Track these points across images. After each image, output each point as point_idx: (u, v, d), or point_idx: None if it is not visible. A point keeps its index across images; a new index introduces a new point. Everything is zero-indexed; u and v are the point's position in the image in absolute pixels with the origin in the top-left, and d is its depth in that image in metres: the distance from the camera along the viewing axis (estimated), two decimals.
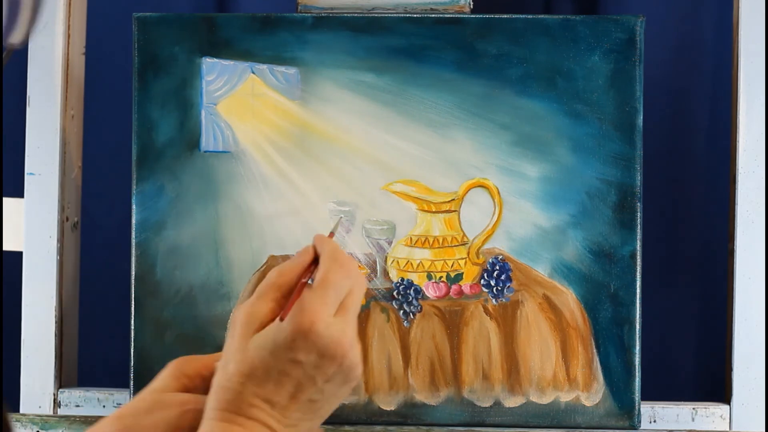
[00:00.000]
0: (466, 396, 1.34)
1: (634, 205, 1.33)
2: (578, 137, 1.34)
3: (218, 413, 0.86)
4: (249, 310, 0.88)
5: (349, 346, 0.86)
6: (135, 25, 1.36)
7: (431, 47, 1.35)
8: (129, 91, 1.37)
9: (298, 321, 0.85)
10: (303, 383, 0.86)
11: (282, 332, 0.86)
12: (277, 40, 1.35)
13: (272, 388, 0.86)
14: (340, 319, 0.87)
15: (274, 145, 1.36)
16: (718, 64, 1.60)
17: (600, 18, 1.35)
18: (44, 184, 1.41)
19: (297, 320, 0.85)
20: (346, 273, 0.88)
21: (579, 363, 1.34)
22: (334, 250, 0.89)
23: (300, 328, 0.85)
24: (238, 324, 0.88)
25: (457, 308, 1.35)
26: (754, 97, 1.37)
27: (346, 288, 0.88)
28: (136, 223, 1.36)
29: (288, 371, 0.86)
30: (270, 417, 0.86)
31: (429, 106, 1.35)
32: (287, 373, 0.86)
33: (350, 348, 0.86)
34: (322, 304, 0.86)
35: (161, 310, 1.35)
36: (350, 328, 0.87)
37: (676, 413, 1.37)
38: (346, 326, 0.87)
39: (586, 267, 1.34)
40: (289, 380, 0.86)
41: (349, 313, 0.88)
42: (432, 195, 1.35)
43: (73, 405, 1.40)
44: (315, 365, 0.86)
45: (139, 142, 1.36)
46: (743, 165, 1.37)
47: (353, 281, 0.89)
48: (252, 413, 0.86)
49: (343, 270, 0.88)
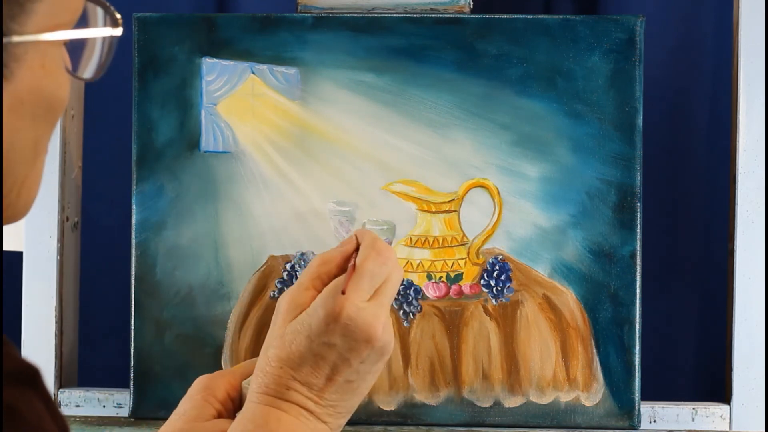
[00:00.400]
0: (466, 396, 1.34)
1: (634, 205, 1.33)
2: (578, 137, 1.34)
3: (259, 396, 0.90)
4: (290, 298, 0.92)
5: (381, 330, 0.89)
6: (135, 25, 1.36)
7: (431, 47, 1.35)
8: (129, 91, 1.37)
9: (331, 306, 0.89)
10: (338, 365, 0.89)
11: (316, 317, 0.89)
12: (277, 40, 1.35)
13: (309, 370, 0.89)
14: (374, 304, 0.90)
15: (274, 145, 1.36)
16: (718, 64, 1.60)
17: (600, 18, 1.35)
18: (44, 184, 1.40)
19: (329, 305, 0.89)
20: (383, 261, 0.91)
21: (579, 363, 1.34)
22: (374, 240, 0.93)
23: (332, 312, 0.88)
24: (280, 311, 0.92)
25: (457, 308, 1.35)
26: (754, 97, 1.37)
27: (383, 275, 0.91)
28: (136, 223, 1.36)
29: (323, 354, 0.89)
30: (308, 400, 0.89)
31: (429, 106, 1.35)
32: (323, 356, 0.89)
33: (383, 331, 0.89)
34: (355, 289, 0.89)
35: (161, 311, 1.35)
36: (383, 312, 0.90)
37: (676, 413, 1.37)
38: (379, 310, 0.90)
39: (586, 267, 1.34)
40: (324, 363, 0.89)
41: (383, 298, 0.91)
42: (432, 195, 1.35)
43: (73, 405, 1.40)
44: (349, 348, 0.89)
45: (139, 142, 1.36)
46: (743, 165, 1.37)
47: (390, 269, 0.92)
48: (290, 396, 0.89)
49: (380, 258, 0.91)
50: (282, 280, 1.35)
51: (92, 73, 0.75)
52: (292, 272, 1.35)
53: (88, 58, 0.75)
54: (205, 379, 0.96)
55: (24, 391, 0.64)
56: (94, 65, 0.75)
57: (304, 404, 0.89)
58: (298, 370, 0.89)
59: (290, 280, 1.35)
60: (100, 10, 0.75)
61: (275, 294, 1.35)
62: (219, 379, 0.96)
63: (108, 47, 0.75)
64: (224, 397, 0.95)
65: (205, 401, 0.94)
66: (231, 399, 0.95)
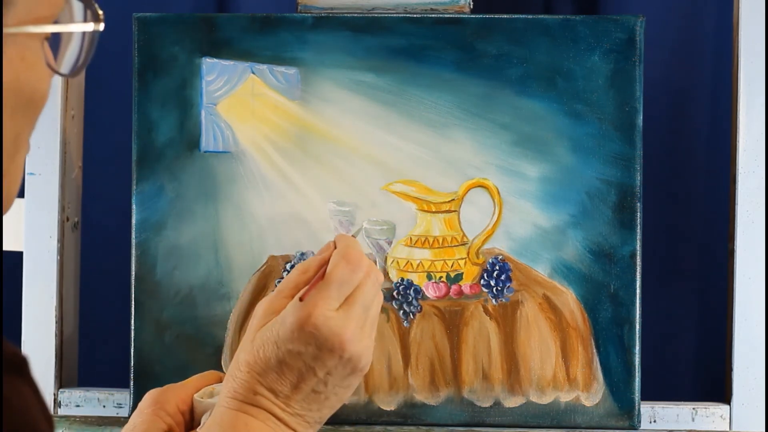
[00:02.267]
0: (466, 396, 1.34)
1: (634, 205, 1.33)
2: (578, 137, 1.34)
3: (228, 401, 0.90)
4: (267, 304, 0.92)
5: (350, 340, 0.89)
6: (135, 25, 1.36)
7: (431, 47, 1.35)
8: (129, 91, 1.37)
9: (297, 313, 0.88)
10: (304, 373, 0.89)
11: (284, 324, 0.89)
12: (277, 40, 1.35)
13: (275, 377, 0.89)
14: (343, 313, 0.89)
15: (274, 145, 1.36)
16: (718, 64, 1.60)
17: (600, 18, 1.35)
18: (44, 184, 1.40)
19: (296, 312, 0.88)
20: (352, 268, 0.90)
21: (579, 363, 1.34)
22: (346, 247, 0.92)
23: (298, 319, 0.88)
24: (256, 317, 0.92)
25: (457, 308, 1.35)
26: (754, 97, 1.37)
27: (352, 283, 0.90)
28: (136, 223, 1.36)
29: (288, 361, 0.89)
30: (275, 405, 0.89)
31: (429, 106, 1.35)
32: (288, 364, 0.89)
33: (351, 341, 0.89)
34: (322, 297, 0.89)
35: (161, 311, 1.35)
36: (353, 322, 0.89)
37: (676, 413, 1.37)
38: (348, 320, 0.89)
39: (586, 267, 1.34)
40: (289, 370, 0.89)
41: (353, 308, 0.90)
42: (432, 195, 1.35)
43: (73, 405, 1.40)
44: (314, 356, 0.88)
45: (139, 142, 1.36)
46: (743, 165, 1.37)
47: (361, 277, 0.90)
48: (258, 401, 0.89)
49: (350, 265, 0.90)
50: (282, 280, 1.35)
51: (72, 68, 0.74)
52: None
53: (69, 54, 0.74)
54: (155, 393, 0.96)
55: (12, 379, 0.64)
56: (74, 61, 0.74)
57: (271, 410, 0.89)
58: (264, 376, 0.89)
59: None
60: (81, 5, 0.74)
61: None
62: (169, 393, 0.96)
63: (89, 43, 0.75)
64: (174, 410, 0.95)
65: (155, 415, 0.94)
66: (181, 413, 0.95)
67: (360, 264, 0.91)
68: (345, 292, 0.90)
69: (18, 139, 0.71)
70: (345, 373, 0.90)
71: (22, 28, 0.69)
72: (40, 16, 0.70)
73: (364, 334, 0.90)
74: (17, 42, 0.69)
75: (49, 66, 0.72)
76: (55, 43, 0.74)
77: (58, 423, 1.37)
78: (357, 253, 0.91)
